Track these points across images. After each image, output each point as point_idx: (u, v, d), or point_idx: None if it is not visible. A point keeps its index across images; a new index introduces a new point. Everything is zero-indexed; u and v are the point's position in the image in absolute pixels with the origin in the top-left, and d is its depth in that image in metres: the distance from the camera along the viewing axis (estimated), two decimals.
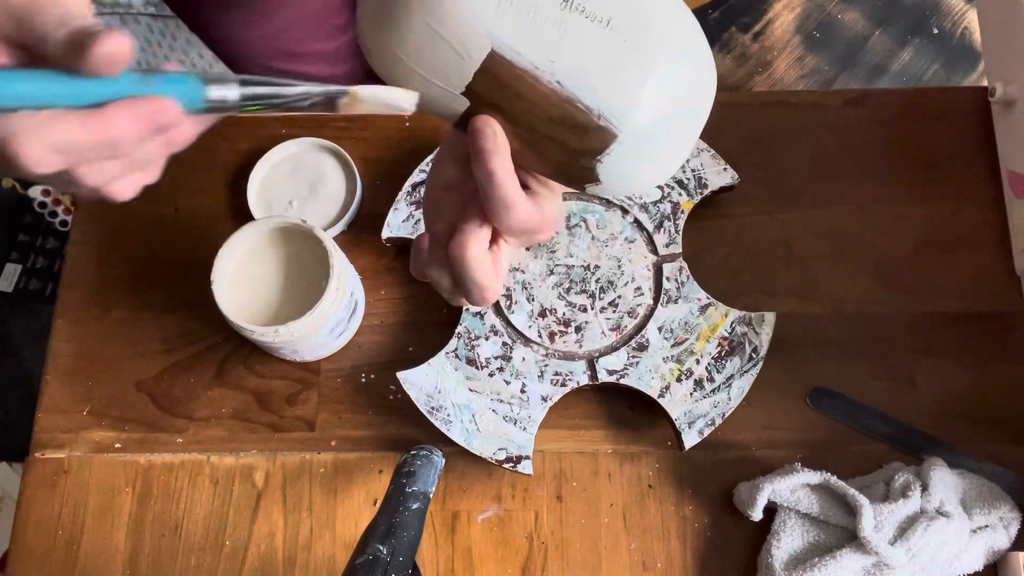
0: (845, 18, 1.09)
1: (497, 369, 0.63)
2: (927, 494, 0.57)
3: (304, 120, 0.74)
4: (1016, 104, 0.66)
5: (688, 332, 0.63)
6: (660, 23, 0.37)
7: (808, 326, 0.67)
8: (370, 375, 0.67)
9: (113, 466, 0.65)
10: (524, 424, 0.61)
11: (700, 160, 0.68)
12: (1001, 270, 0.68)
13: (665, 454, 0.64)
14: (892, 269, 0.68)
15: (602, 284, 0.65)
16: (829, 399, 0.65)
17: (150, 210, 0.72)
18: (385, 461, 0.64)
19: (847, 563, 0.56)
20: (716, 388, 0.62)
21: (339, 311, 0.62)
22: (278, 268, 0.63)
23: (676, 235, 0.66)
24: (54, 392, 0.67)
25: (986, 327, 0.67)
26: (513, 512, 0.63)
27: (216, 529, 0.63)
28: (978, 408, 0.65)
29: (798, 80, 1.05)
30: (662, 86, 0.37)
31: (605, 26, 0.37)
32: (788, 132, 0.72)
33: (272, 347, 0.63)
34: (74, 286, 0.70)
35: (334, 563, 0.62)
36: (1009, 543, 0.59)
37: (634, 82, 0.37)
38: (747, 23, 1.08)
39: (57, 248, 1.32)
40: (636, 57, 0.37)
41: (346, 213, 0.69)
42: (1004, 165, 0.69)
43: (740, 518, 0.61)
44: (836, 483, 0.58)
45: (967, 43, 1.08)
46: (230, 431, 0.66)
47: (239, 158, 0.73)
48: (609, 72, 0.37)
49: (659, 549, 0.62)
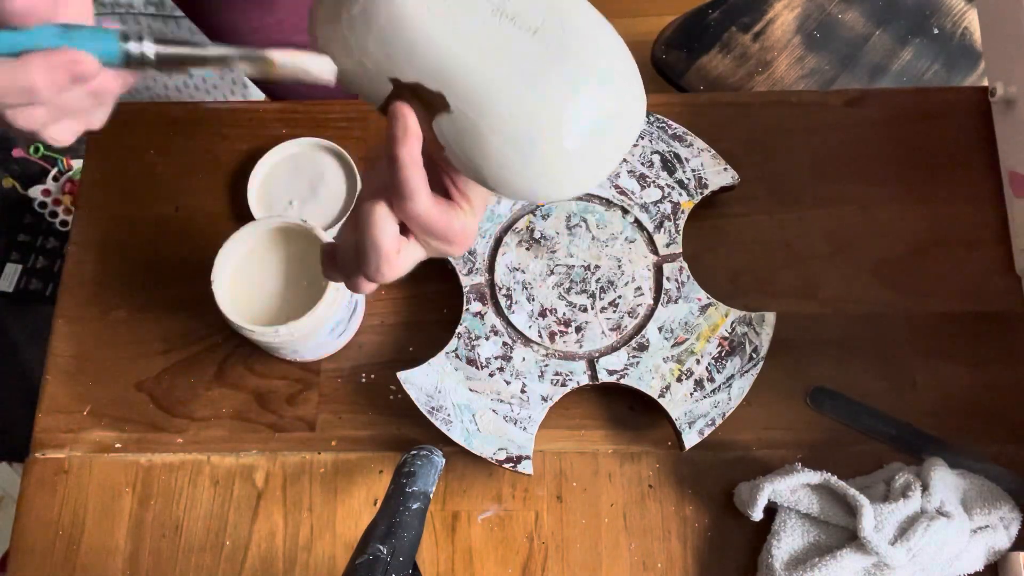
0: (845, 18, 1.09)
1: (497, 369, 0.63)
2: (927, 494, 0.57)
3: (304, 120, 0.74)
4: (1016, 104, 0.66)
5: (688, 332, 0.63)
6: (582, 42, 0.38)
7: (808, 326, 0.67)
8: (370, 375, 0.67)
9: (113, 466, 0.65)
10: (524, 424, 0.61)
11: (700, 160, 0.68)
12: (1001, 270, 0.68)
13: (665, 454, 0.64)
14: (892, 269, 0.68)
15: (602, 284, 0.65)
16: (829, 399, 0.65)
17: (150, 210, 0.72)
18: (385, 461, 0.64)
19: (847, 563, 0.56)
20: (716, 388, 0.62)
21: (339, 311, 0.62)
22: (278, 268, 0.63)
23: (676, 235, 0.66)
24: (54, 392, 0.67)
25: (986, 327, 0.67)
26: (513, 512, 0.63)
27: (216, 529, 0.63)
28: (978, 408, 0.65)
29: (798, 80, 1.05)
30: (580, 103, 0.38)
31: (532, 34, 0.37)
32: (788, 132, 0.72)
33: (272, 347, 0.63)
34: (74, 286, 0.70)
35: (334, 563, 0.62)
36: (1009, 543, 0.59)
37: (555, 94, 0.38)
38: (747, 23, 1.08)
39: (57, 248, 1.32)
40: (557, 68, 0.38)
41: (346, 213, 0.69)
42: (1004, 165, 0.69)
43: (740, 518, 0.61)
44: (836, 483, 0.58)
45: (967, 43, 1.08)
46: (230, 431, 0.66)
47: (239, 158, 0.73)
48: (529, 80, 0.37)
49: (659, 549, 0.62)
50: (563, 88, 0.38)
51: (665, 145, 0.69)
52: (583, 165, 0.40)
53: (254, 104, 0.78)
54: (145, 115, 0.75)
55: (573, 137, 0.38)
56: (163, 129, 0.74)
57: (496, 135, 0.38)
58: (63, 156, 1.33)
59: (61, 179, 1.33)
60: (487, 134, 0.38)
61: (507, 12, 0.37)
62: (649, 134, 0.69)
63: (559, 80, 0.37)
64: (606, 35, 0.40)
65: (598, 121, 0.39)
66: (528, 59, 0.37)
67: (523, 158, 0.38)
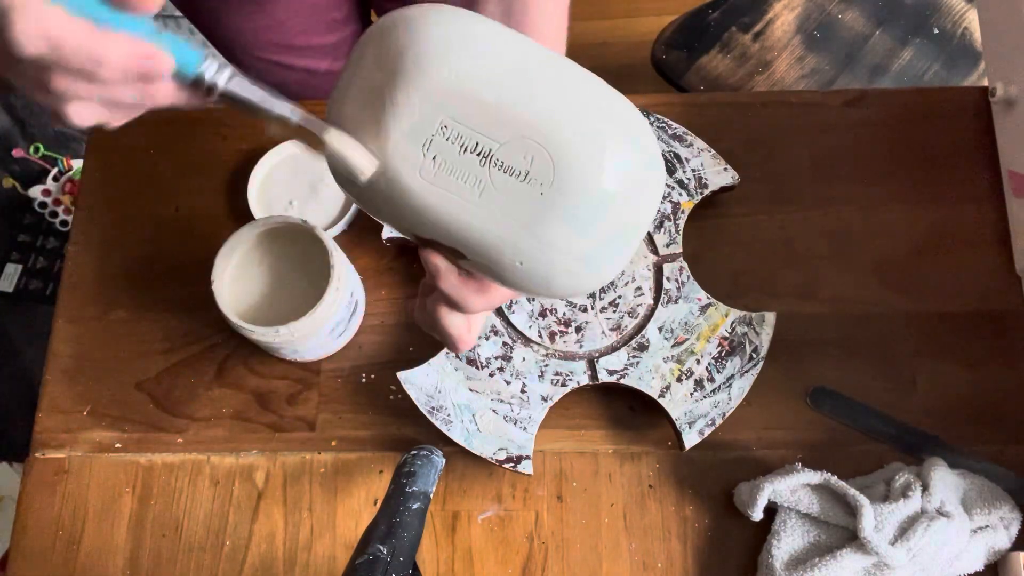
0: (845, 18, 1.09)
1: (497, 369, 0.63)
2: (927, 494, 0.57)
3: None
4: (1016, 104, 0.66)
5: (688, 332, 0.63)
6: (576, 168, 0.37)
7: (808, 326, 0.67)
8: (370, 375, 0.67)
9: (113, 466, 0.65)
10: (524, 424, 0.61)
11: (700, 160, 0.68)
12: (1001, 270, 0.68)
13: (665, 454, 0.64)
14: (892, 269, 0.68)
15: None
16: (829, 399, 0.65)
17: (150, 210, 0.72)
18: (385, 461, 0.64)
19: (847, 563, 0.56)
20: (716, 388, 0.62)
21: (339, 311, 0.62)
22: (278, 268, 0.63)
23: (676, 235, 0.66)
24: (54, 392, 0.67)
25: (986, 327, 0.67)
26: (513, 512, 0.63)
27: (216, 529, 0.63)
28: (978, 408, 0.65)
29: (798, 80, 1.05)
30: (585, 237, 0.38)
31: (523, 180, 0.37)
32: (788, 132, 0.72)
33: (272, 347, 0.63)
34: (74, 286, 0.70)
35: (334, 563, 0.62)
36: (1009, 543, 0.59)
37: (558, 238, 0.38)
38: (747, 23, 1.08)
39: (57, 248, 1.32)
40: (553, 212, 0.37)
41: (346, 213, 0.69)
42: (1004, 165, 0.69)
43: (740, 518, 0.61)
44: (836, 483, 0.58)
45: (967, 43, 1.08)
46: (230, 431, 0.66)
47: (239, 158, 0.73)
48: (530, 230, 0.38)
49: (659, 549, 0.62)
50: (563, 230, 0.38)
51: (665, 145, 0.69)
52: (608, 266, 0.40)
53: None
54: (145, 115, 0.74)
55: (589, 263, 0.39)
56: (163, 129, 0.74)
57: (513, 277, 0.39)
58: (63, 156, 1.33)
59: (61, 179, 1.33)
60: (505, 277, 0.40)
61: (496, 160, 0.37)
62: None
63: (558, 223, 0.37)
64: (602, 135, 0.38)
65: (610, 237, 0.39)
66: (523, 206, 0.37)
67: (544, 287, 0.40)
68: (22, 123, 1.32)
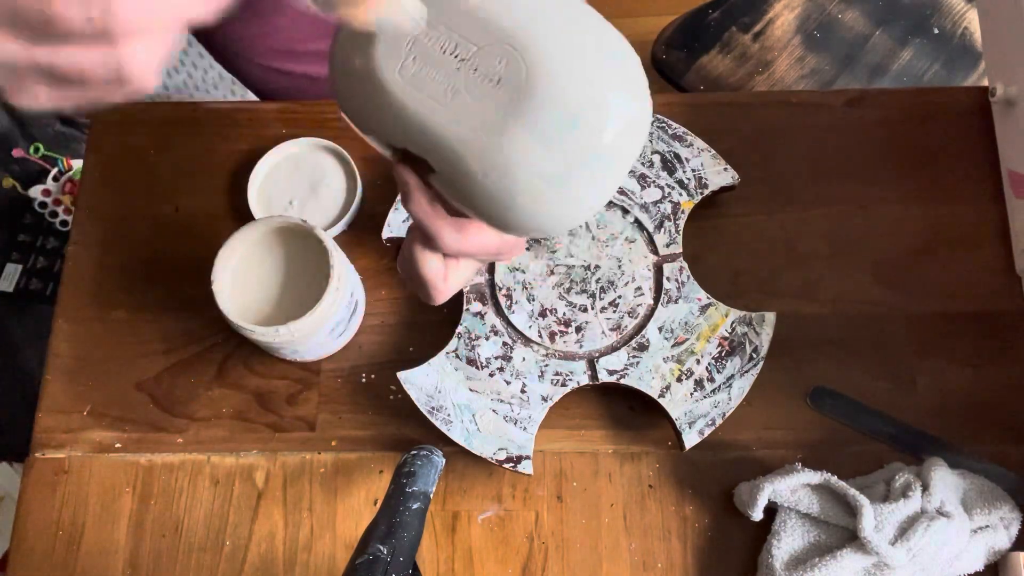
0: (845, 18, 1.09)
1: (497, 369, 0.63)
2: (927, 494, 0.57)
3: (304, 120, 0.74)
4: (1016, 104, 0.66)
5: (688, 332, 0.63)
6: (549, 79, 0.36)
7: (808, 326, 0.67)
8: (370, 375, 0.67)
9: (113, 466, 0.65)
10: (524, 424, 0.61)
11: (700, 160, 0.68)
12: (1001, 270, 0.68)
13: (665, 454, 0.64)
14: (892, 269, 0.68)
15: (602, 284, 0.65)
16: (829, 399, 0.65)
17: (150, 210, 0.72)
18: (385, 461, 0.64)
19: (847, 563, 0.56)
20: (716, 388, 0.62)
21: (339, 311, 0.62)
22: (278, 268, 0.63)
23: (676, 235, 0.66)
24: (54, 392, 0.67)
25: (986, 327, 0.67)
26: (513, 512, 0.63)
27: (216, 529, 0.63)
28: (978, 408, 0.65)
29: (798, 80, 1.05)
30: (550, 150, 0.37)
31: (495, 85, 0.37)
32: (788, 132, 0.72)
33: (272, 347, 0.63)
34: (74, 286, 0.70)
35: (334, 563, 0.62)
36: (1009, 543, 0.59)
37: (520, 146, 0.37)
38: (747, 23, 1.08)
39: (57, 248, 1.32)
40: (519, 119, 0.36)
41: (347, 213, 0.69)
42: (1004, 165, 0.69)
43: (740, 518, 0.61)
44: (836, 483, 0.58)
45: (967, 43, 1.08)
46: (230, 431, 0.66)
47: (239, 158, 0.73)
48: (495, 136, 0.37)
49: (659, 549, 0.62)
50: (528, 140, 0.36)
51: (665, 145, 0.69)
52: (573, 197, 0.38)
53: (254, 104, 0.78)
54: (145, 115, 0.75)
55: (552, 185, 0.37)
56: (163, 129, 0.74)
57: (480, 196, 0.38)
58: (63, 156, 1.33)
59: (61, 179, 1.33)
60: (469, 192, 0.38)
61: (472, 64, 0.37)
62: (649, 134, 0.69)
63: (524, 132, 0.36)
64: (581, 52, 0.37)
65: (577, 160, 0.37)
66: (492, 112, 0.37)
67: (507, 210, 0.38)
68: (22, 123, 1.32)
